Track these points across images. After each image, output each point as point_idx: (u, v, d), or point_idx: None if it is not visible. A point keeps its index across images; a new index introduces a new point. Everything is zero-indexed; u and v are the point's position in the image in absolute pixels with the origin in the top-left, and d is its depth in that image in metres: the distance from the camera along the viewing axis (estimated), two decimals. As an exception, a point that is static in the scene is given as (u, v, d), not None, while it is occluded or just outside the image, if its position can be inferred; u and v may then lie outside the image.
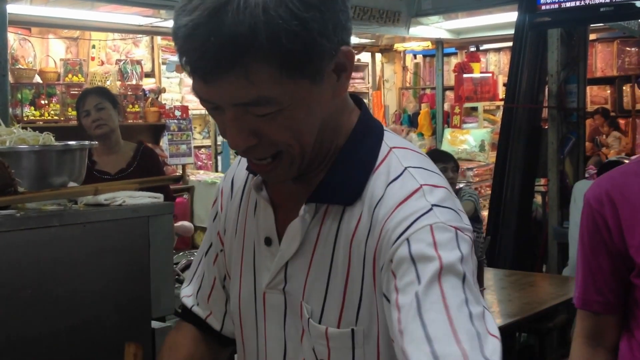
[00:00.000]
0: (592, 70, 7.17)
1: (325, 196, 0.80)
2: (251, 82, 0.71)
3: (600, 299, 1.29)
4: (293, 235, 0.82)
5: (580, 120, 4.17)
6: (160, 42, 7.45)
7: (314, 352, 0.82)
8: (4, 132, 1.42)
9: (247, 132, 0.75)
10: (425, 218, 0.74)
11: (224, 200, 0.97)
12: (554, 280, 3.42)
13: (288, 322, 0.85)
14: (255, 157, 0.79)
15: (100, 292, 1.33)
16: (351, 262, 0.79)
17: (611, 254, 1.25)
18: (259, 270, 0.88)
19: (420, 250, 0.72)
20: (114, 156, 2.81)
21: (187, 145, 6.37)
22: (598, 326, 1.32)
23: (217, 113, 0.77)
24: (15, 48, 5.77)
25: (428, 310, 0.69)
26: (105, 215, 1.35)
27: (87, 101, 2.77)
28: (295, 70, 0.72)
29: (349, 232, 0.79)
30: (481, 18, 5.67)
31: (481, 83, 6.48)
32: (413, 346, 0.67)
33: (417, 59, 8.45)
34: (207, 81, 0.72)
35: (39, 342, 1.26)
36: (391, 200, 0.76)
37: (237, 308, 0.92)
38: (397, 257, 0.73)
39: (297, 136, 0.76)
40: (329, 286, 0.80)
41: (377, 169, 0.80)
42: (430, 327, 0.67)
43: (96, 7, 4.76)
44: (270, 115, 0.74)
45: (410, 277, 0.71)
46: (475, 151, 5.85)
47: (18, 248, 1.24)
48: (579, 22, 3.90)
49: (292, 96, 0.73)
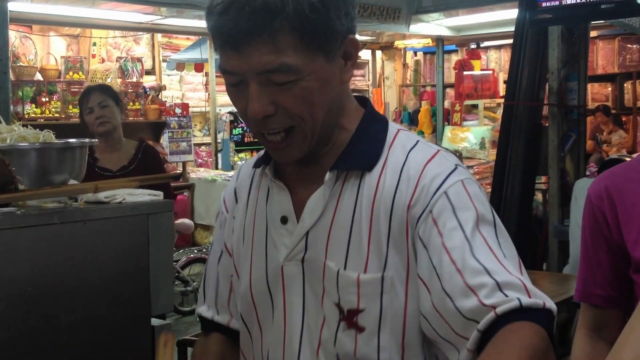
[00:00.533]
0: (593, 68, 7.16)
1: (347, 163, 0.91)
2: (277, 50, 0.83)
3: (601, 293, 1.29)
4: (315, 204, 0.92)
5: (581, 117, 4.16)
6: (161, 40, 7.45)
7: (337, 307, 0.89)
8: (5, 129, 1.43)
9: (266, 101, 0.85)
10: (455, 174, 0.87)
11: (229, 206, 1.06)
12: (554, 279, 3.42)
13: (307, 288, 0.92)
14: (270, 130, 0.87)
15: (100, 289, 1.33)
16: (374, 216, 0.88)
17: (611, 249, 1.25)
18: (274, 249, 0.95)
19: (459, 201, 0.85)
20: (116, 153, 2.82)
21: (187, 143, 6.38)
22: (600, 319, 1.32)
23: (239, 90, 0.87)
24: (17, 45, 5.77)
25: (478, 251, 0.81)
26: (105, 212, 1.35)
27: (91, 98, 2.77)
28: (313, 43, 0.84)
29: (370, 193, 0.89)
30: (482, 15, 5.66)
31: (481, 80, 6.48)
32: (477, 279, 0.79)
33: (418, 56, 8.44)
34: (238, 49, 0.83)
35: (39, 338, 1.26)
36: (417, 161, 0.89)
37: (248, 292, 0.98)
38: (438, 208, 0.85)
39: (310, 108, 0.86)
40: (351, 241, 0.89)
41: (391, 144, 0.92)
42: (485, 263, 0.80)
43: (97, 5, 4.76)
44: (289, 84, 0.84)
45: (452, 223, 0.84)
46: (476, 149, 5.85)
47: (18, 245, 1.24)
48: (580, 19, 3.88)
49: (309, 68, 0.84)
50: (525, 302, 0.78)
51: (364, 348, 0.88)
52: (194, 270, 4.76)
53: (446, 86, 7.11)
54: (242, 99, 0.87)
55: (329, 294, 0.90)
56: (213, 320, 1.07)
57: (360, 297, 0.88)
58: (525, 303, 0.77)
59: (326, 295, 0.90)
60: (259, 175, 1.01)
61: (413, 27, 5.72)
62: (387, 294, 0.87)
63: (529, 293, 0.79)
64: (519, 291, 0.79)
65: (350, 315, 0.88)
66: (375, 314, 0.88)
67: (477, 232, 0.83)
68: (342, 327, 0.89)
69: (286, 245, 0.94)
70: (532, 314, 0.78)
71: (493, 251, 0.82)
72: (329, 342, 0.90)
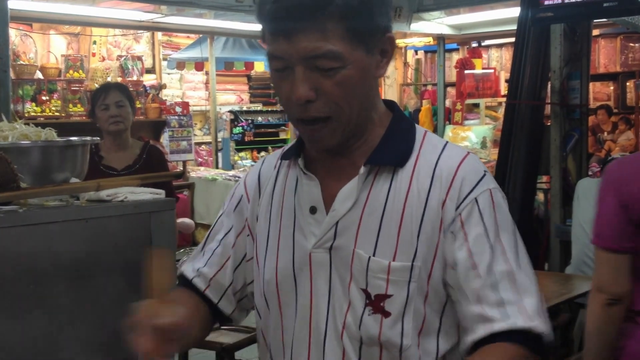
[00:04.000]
0: (595, 66, 7.15)
1: (381, 159, 0.97)
2: (324, 37, 0.89)
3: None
4: (347, 195, 0.97)
5: (583, 117, 4.15)
6: (161, 38, 7.44)
7: (364, 292, 0.95)
8: (7, 127, 1.42)
9: (310, 86, 0.91)
10: (484, 183, 0.96)
11: (251, 192, 1.09)
12: (556, 279, 3.40)
13: (333, 275, 0.97)
14: (309, 117, 0.93)
15: (102, 288, 1.33)
16: (406, 210, 0.95)
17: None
18: (301, 237, 1.00)
19: (485, 209, 0.94)
20: (122, 153, 2.83)
21: (187, 142, 6.37)
22: (614, 268, 1.48)
23: (283, 75, 0.92)
24: (17, 44, 5.77)
25: (497, 262, 0.93)
26: (107, 211, 1.35)
27: (109, 96, 2.76)
28: (357, 34, 0.91)
29: (402, 188, 0.96)
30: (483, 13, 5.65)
31: (483, 79, 6.47)
32: (485, 293, 0.92)
33: (419, 55, 8.42)
34: (288, 35, 0.89)
35: (40, 336, 1.25)
36: (450, 163, 0.96)
37: (273, 277, 1.02)
38: (467, 212, 0.94)
39: (348, 97, 0.92)
40: (381, 232, 0.95)
41: (422, 144, 0.99)
42: (500, 282, 0.92)
43: (97, 3, 4.75)
44: (332, 71, 0.90)
45: (478, 229, 0.93)
46: (477, 148, 5.83)
47: (20, 243, 1.23)
48: (582, 18, 3.87)
49: (352, 57, 0.91)
50: (519, 326, 0.91)
51: (388, 332, 0.94)
52: (194, 269, 4.75)
53: (447, 85, 7.09)
54: (285, 85, 0.93)
55: (356, 280, 0.95)
56: (191, 281, 1.10)
57: (390, 283, 0.94)
58: (517, 327, 0.90)
59: (353, 281, 0.96)
60: (287, 167, 1.05)
61: (414, 26, 5.71)
62: (414, 282, 0.94)
63: (526, 318, 0.91)
64: (517, 314, 0.91)
65: (377, 300, 0.94)
66: (401, 300, 0.94)
67: (498, 241, 0.94)
68: (368, 312, 0.95)
69: (314, 234, 0.98)
70: (521, 337, 0.91)
71: (510, 263, 0.94)
72: (353, 326, 0.95)
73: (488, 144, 5.83)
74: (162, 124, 6.24)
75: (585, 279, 3.22)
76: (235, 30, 6.05)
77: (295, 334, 1.00)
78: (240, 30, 5.95)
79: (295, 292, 1.00)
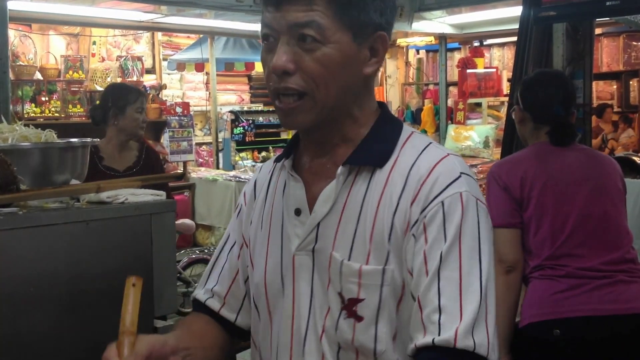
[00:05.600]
0: (598, 65, 7.14)
1: (360, 159, 0.96)
2: (312, 9, 0.91)
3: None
4: (327, 197, 0.96)
5: (587, 116, 4.13)
6: (161, 38, 7.43)
7: (340, 296, 0.93)
8: (7, 129, 1.41)
9: (290, 56, 0.92)
10: (456, 185, 0.91)
11: (248, 199, 1.11)
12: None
13: (315, 277, 0.97)
14: (285, 91, 0.93)
15: (103, 290, 1.32)
16: (379, 211, 0.93)
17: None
18: (287, 239, 1.00)
19: (450, 214, 0.90)
20: (123, 154, 2.83)
21: (188, 142, 6.36)
22: (508, 241, 1.91)
23: (270, 47, 0.94)
24: (16, 44, 5.75)
25: (445, 269, 0.88)
26: (108, 212, 1.34)
27: (144, 102, 2.85)
28: (345, 17, 0.91)
29: (378, 188, 0.94)
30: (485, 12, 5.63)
31: (485, 78, 6.44)
32: (427, 298, 0.88)
33: (420, 54, 8.41)
34: (278, 5, 0.92)
35: (41, 339, 1.24)
36: (425, 163, 0.93)
37: (262, 280, 1.02)
38: (431, 215, 0.90)
39: (325, 77, 0.92)
40: (356, 235, 0.94)
41: (403, 145, 0.97)
42: (442, 298, 0.87)
43: (97, 3, 4.73)
44: (314, 44, 0.91)
45: (439, 234, 0.89)
46: (479, 147, 5.81)
47: (20, 245, 1.22)
48: (585, 16, 3.85)
49: (335, 37, 0.91)
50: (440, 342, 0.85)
51: (361, 337, 0.92)
52: (195, 271, 4.73)
53: (449, 84, 7.07)
54: (270, 57, 0.94)
55: (333, 284, 0.95)
56: (204, 303, 1.11)
57: (361, 287, 0.92)
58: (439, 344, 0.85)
59: (331, 285, 0.95)
60: (279, 169, 1.06)
61: (415, 25, 5.69)
62: (387, 286, 0.92)
63: (456, 338, 0.85)
64: (450, 325, 0.85)
65: (350, 304, 0.93)
66: (374, 304, 0.92)
67: (456, 248, 0.89)
68: (343, 316, 0.94)
69: (298, 236, 0.98)
70: (441, 353, 0.85)
71: (460, 270, 0.88)
72: (331, 329, 0.95)
73: (490, 143, 5.81)
74: (162, 124, 6.22)
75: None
76: (235, 30, 6.04)
77: (279, 337, 1.00)
78: (241, 30, 5.93)
79: (282, 295, 1.00)
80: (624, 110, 7.32)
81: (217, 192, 5.84)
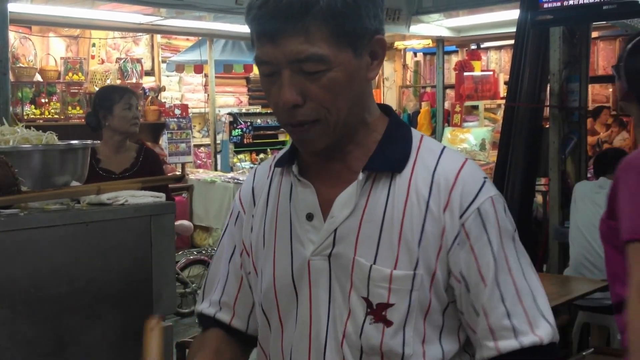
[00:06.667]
0: (594, 69, 7.15)
1: (379, 165, 0.96)
2: (309, 40, 0.89)
3: None
4: (345, 202, 0.96)
5: (582, 119, 4.16)
6: (160, 41, 7.44)
7: (365, 301, 0.93)
8: (8, 131, 1.42)
9: (297, 90, 0.90)
10: (486, 190, 0.94)
11: (246, 204, 1.08)
12: (555, 280, 3.41)
13: (333, 283, 0.96)
14: (297, 120, 0.92)
15: (102, 291, 1.33)
16: (405, 216, 0.93)
17: None
18: (299, 244, 0.98)
19: (488, 219, 0.93)
20: (120, 156, 2.83)
21: (186, 144, 6.37)
22: None
23: (271, 80, 0.92)
24: (16, 46, 5.76)
25: (500, 274, 0.93)
26: (108, 214, 1.35)
27: (132, 98, 2.82)
28: (343, 37, 0.90)
29: (402, 193, 0.94)
30: (482, 16, 5.66)
31: (482, 81, 6.47)
32: (491, 305, 0.92)
33: (418, 57, 8.43)
34: (274, 39, 0.89)
35: (41, 340, 1.25)
36: (449, 169, 0.95)
37: (271, 287, 1.01)
38: (470, 222, 0.93)
39: (335, 100, 0.91)
40: (381, 240, 0.94)
41: (418, 149, 0.98)
42: (506, 298, 0.92)
43: (96, 6, 4.75)
44: (318, 74, 0.90)
45: (483, 241, 0.93)
46: (476, 150, 5.84)
47: (21, 247, 1.23)
48: (582, 20, 3.88)
49: (338, 60, 0.90)
50: (526, 343, 0.92)
51: (390, 341, 0.93)
52: (193, 272, 4.75)
53: (446, 87, 7.09)
54: (274, 89, 0.93)
55: (357, 289, 0.94)
56: (214, 317, 1.09)
57: (392, 291, 0.92)
58: (525, 344, 0.92)
59: (354, 290, 0.94)
60: (280, 174, 1.04)
61: (413, 28, 5.71)
62: (416, 291, 0.92)
63: (532, 329, 0.92)
64: (524, 326, 0.92)
65: (379, 309, 0.93)
66: (403, 309, 0.92)
67: (501, 250, 0.94)
68: (369, 320, 0.93)
69: (313, 241, 0.97)
70: (532, 352, 0.92)
71: (513, 272, 0.94)
72: (353, 334, 0.94)
73: (487, 145, 5.83)
74: (161, 126, 6.24)
75: (583, 281, 3.23)
76: (234, 33, 6.06)
77: (294, 343, 0.98)
78: (239, 32, 5.95)
79: (296, 300, 0.99)
80: (618, 113, 7.34)
81: (215, 193, 5.86)
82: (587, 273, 3.40)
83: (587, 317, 3.46)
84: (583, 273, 3.41)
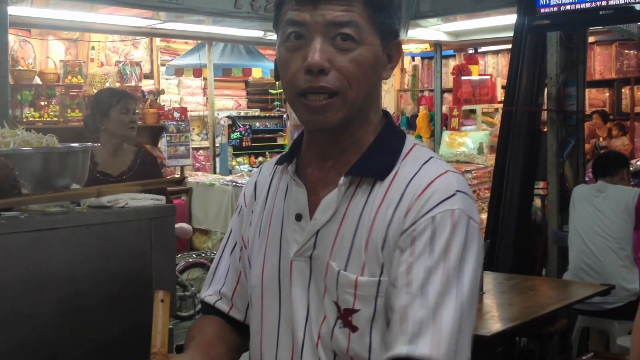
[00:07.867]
0: (591, 73, 7.18)
1: (362, 171, 0.96)
2: (350, 10, 0.92)
3: None
4: (328, 205, 0.97)
5: (580, 123, 4.17)
6: (159, 44, 7.45)
7: (336, 305, 0.94)
8: (8, 134, 1.42)
9: (326, 56, 0.92)
10: (450, 202, 0.91)
11: (248, 200, 1.11)
12: (554, 284, 3.42)
13: (312, 285, 0.97)
14: (319, 85, 0.92)
15: (103, 294, 1.33)
16: (375, 223, 0.93)
17: None
18: (287, 244, 1.00)
19: (439, 230, 0.90)
20: (117, 159, 2.83)
21: (185, 147, 6.37)
22: None
23: (297, 46, 0.93)
24: (16, 49, 5.77)
25: (428, 285, 0.88)
26: (108, 217, 1.35)
27: (129, 101, 2.82)
28: (377, 21, 0.94)
29: (375, 202, 0.94)
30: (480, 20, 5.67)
31: (480, 85, 6.49)
32: (409, 312, 0.88)
33: (416, 61, 8.46)
34: (316, 3, 0.92)
35: (41, 342, 1.26)
36: (424, 178, 0.93)
37: (259, 283, 1.03)
38: (420, 229, 0.90)
39: (359, 77, 0.93)
40: (353, 245, 0.94)
41: (405, 157, 0.97)
42: (422, 299, 0.88)
43: (96, 9, 4.75)
44: (351, 45, 0.92)
45: (425, 249, 0.90)
46: (474, 154, 5.85)
47: (21, 249, 1.24)
48: (578, 25, 3.90)
49: (369, 38, 0.94)
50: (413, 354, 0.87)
51: (356, 346, 0.93)
52: (192, 274, 4.74)
53: (444, 91, 7.11)
54: (297, 56, 0.93)
55: (330, 292, 0.95)
56: (214, 306, 1.12)
57: (357, 297, 0.93)
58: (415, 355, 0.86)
59: (327, 293, 0.95)
60: (280, 172, 1.06)
61: (411, 32, 5.73)
62: (381, 297, 0.92)
63: (430, 353, 0.86)
64: (427, 338, 0.87)
65: (346, 314, 0.94)
66: (369, 315, 0.93)
67: (442, 262, 0.89)
68: (339, 325, 0.94)
69: (297, 242, 0.99)
70: None
71: (440, 292, 0.88)
72: (326, 337, 0.95)
73: (485, 149, 5.84)
74: (160, 129, 6.24)
75: (582, 285, 3.23)
76: (233, 37, 6.07)
77: (280, 340, 1.00)
78: (238, 36, 5.96)
79: (278, 298, 1.00)
80: (615, 117, 7.37)
81: (214, 196, 5.86)
82: (586, 277, 3.40)
83: (587, 322, 3.45)
84: (582, 277, 3.42)
